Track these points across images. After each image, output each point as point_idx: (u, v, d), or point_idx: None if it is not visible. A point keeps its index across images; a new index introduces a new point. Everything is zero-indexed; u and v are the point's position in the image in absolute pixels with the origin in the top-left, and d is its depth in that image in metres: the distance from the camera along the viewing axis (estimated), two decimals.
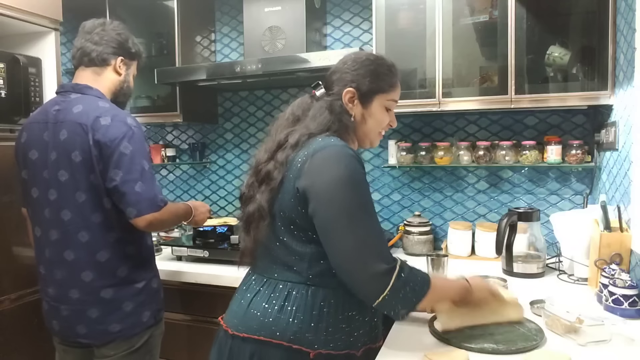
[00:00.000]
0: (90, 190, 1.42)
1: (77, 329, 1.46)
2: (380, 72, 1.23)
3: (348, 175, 1.05)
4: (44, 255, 1.49)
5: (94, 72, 1.53)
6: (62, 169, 1.43)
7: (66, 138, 1.42)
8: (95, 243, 1.44)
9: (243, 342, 1.12)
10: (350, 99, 1.21)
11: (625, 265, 1.44)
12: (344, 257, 1.04)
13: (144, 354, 1.55)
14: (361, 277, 1.04)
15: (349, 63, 1.23)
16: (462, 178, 2.25)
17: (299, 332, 1.08)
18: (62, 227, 1.44)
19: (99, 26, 1.54)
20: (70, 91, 1.50)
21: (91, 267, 1.44)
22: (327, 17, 2.42)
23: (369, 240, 1.04)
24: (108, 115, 1.42)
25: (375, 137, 1.28)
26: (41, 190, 1.47)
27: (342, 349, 1.12)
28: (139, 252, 1.53)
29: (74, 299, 1.45)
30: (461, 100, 1.90)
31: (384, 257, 1.04)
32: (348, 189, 1.05)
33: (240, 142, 2.65)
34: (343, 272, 1.06)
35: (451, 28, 1.93)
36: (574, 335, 1.16)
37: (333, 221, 1.04)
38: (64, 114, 1.45)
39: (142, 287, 1.51)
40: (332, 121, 1.18)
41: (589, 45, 1.80)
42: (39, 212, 1.48)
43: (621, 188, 1.58)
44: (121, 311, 1.47)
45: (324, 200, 1.05)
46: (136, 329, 1.50)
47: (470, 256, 2.07)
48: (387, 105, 1.25)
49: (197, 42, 2.51)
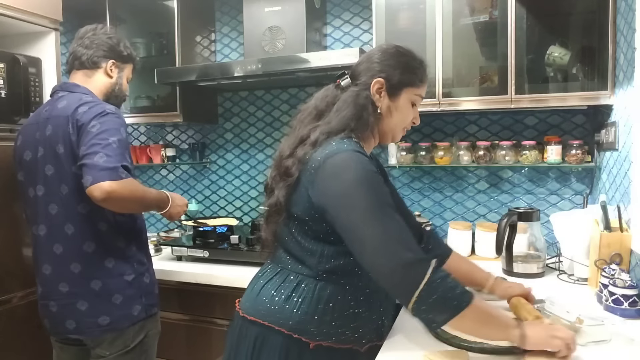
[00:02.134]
0: (74, 182, 1.42)
1: (67, 324, 1.47)
2: (412, 66, 1.21)
3: (361, 178, 1.04)
4: (35, 253, 1.53)
5: (85, 74, 1.57)
6: (48, 163, 1.45)
7: (51, 133, 1.45)
8: (82, 234, 1.45)
9: (251, 324, 1.15)
10: (379, 90, 1.18)
11: (625, 265, 1.44)
12: (373, 256, 1.00)
13: (140, 354, 1.55)
14: (393, 270, 0.98)
15: (377, 54, 1.21)
16: (462, 178, 2.25)
17: (301, 323, 1.10)
18: (49, 221, 1.46)
19: (91, 31, 1.58)
20: (58, 90, 1.54)
21: (79, 258, 1.45)
22: (327, 17, 2.42)
23: (395, 234, 1.00)
24: (88, 105, 1.44)
25: (398, 133, 1.26)
26: (35, 188, 1.49)
27: (345, 343, 1.13)
28: (129, 245, 1.53)
29: (63, 293, 1.46)
30: (461, 100, 1.90)
31: (413, 248, 1.00)
32: (362, 191, 1.03)
33: (240, 142, 2.65)
34: (376, 272, 1.02)
35: (451, 28, 1.92)
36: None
37: (354, 224, 1.02)
38: (49, 111, 1.49)
39: (131, 280, 1.51)
40: (354, 117, 1.15)
41: (589, 45, 1.80)
42: (33, 211, 1.51)
43: (621, 188, 1.58)
44: (110, 304, 1.47)
45: (341, 206, 1.04)
46: (125, 322, 1.49)
47: (470, 256, 2.06)
48: (413, 100, 1.22)
49: (197, 42, 2.51)
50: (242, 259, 2.00)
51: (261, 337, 1.13)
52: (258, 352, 1.13)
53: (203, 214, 2.72)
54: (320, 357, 1.11)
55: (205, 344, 2.01)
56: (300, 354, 1.11)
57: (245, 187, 2.66)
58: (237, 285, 1.88)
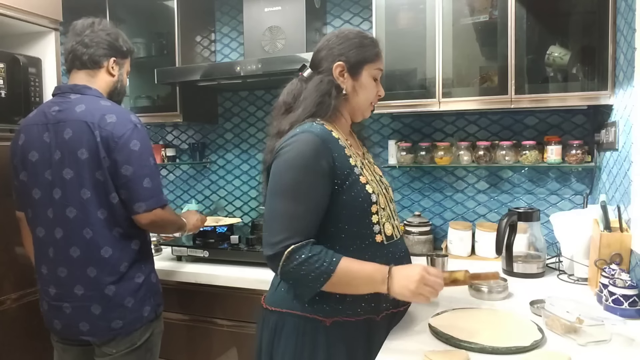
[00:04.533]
0: (95, 187, 1.44)
1: (80, 326, 1.47)
2: (365, 43, 1.28)
3: (290, 158, 1.14)
4: (47, 255, 1.50)
5: (88, 74, 1.55)
6: (67, 167, 1.44)
7: (71, 136, 1.44)
8: (100, 239, 1.45)
9: (270, 313, 1.25)
10: (341, 73, 1.26)
11: (625, 265, 1.44)
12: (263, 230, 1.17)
13: (145, 351, 1.56)
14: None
15: (333, 39, 1.29)
16: (462, 178, 2.25)
17: (317, 303, 1.17)
18: (67, 224, 1.46)
19: (88, 27, 1.55)
20: (68, 92, 1.51)
21: (95, 263, 1.46)
22: (327, 17, 2.42)
23: (274, 222, 1.13)
24: (113, 113, 1.46)
25: (367, 109, 1.33)
26: (43, 190, 1.48)
27: (361, 316, 1.19)
28: (140, 248, 1.54)
29: (78, 296, 1.46)
30: (461, 100, 1.90)
31: (272, 243, 1.11)
32: (284, 170, 1.14)
33: (240, 142, 2.65)
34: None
35: (451, 28, 1.92)
36: (574, 335, 1.16)
37: (266, 197, 1.18)
38: (65, 114, 1.46)
39: (142, 282, 1.52)
40: (315, 103, 1.23)
41: (589, 45, 1.80)
42: (41, 213, 1.49)
43: (621, 188, 1.58)
44: (123, 307, 1.48)
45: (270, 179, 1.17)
46: (137, 324, 1.51)
47: (470, 256, 2.07)
48: (374, 74, 1.30)
49: (197, 42, 2.51)
50: (242, 259, 2.00)
51: (281, 323, 1.21)
52: (278, 337, 1.21)
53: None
54: (336, 332, 1.18)
55: (205, 344, 2.01)
56: (316, 331, 1.18)
57: (245, 187, 2.66)
58: (237, 285, 1.88)
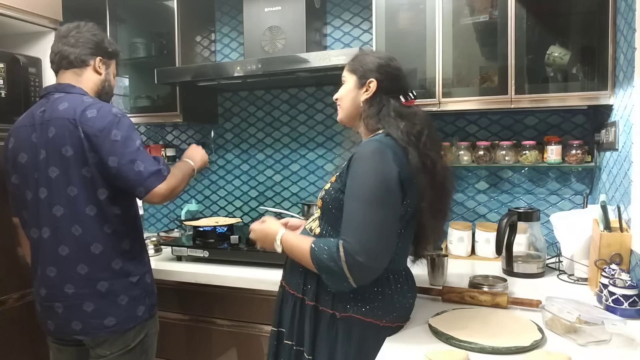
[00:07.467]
0: (83, 184, 1.43)
1: (73, 325, 1.46)
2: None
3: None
4: (38, 256, 1.50)
5: (75, 73, 1.55)
6: (52, 165, 1.44)
7: (55, 134, 1.43)
8: (89, 236, 1.45)
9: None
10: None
11: (625, 265, 1.44)
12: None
13: (140, 353, 1.55)
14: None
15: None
16: (462, 178, 2.25)
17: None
18: (54, 223, 1.45)
19: (74, 29, 1.56)
20: (53, 92, 1.52)
21: (86, 259, 1.45)
22: (327, 17, 2.42)
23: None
24: (94, 107, 1.45)
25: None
26: (33, 191, 1.48)
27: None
28: (133, 246, 1.54)
29: (69, 294, 1.45)
30: (461, 100, 1.90)
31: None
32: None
33: (240, 142, 2.65)
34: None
35: (451, 28, 1.92)
36: (574, 335, 1.16)
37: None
38: (49, 112, 1.46)
39: (136, 281, 1.52)
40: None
41: (589, 45, 1.80)
42: (34, 214, 1.49)
43: (621, 188, 1.58)
44: (116, 305, 1.47)
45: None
46: (131, 323, 1.50)
47: (470, 256, 2.06)
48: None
49: (197, 42, 2.51)
50: (242, 259, 2.00)
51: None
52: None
53: (203, 214, 2.72)
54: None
55: (205, 344, 2.01)
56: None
57: (245, 187, 2.66)
58: (237, 285, 1.88)
